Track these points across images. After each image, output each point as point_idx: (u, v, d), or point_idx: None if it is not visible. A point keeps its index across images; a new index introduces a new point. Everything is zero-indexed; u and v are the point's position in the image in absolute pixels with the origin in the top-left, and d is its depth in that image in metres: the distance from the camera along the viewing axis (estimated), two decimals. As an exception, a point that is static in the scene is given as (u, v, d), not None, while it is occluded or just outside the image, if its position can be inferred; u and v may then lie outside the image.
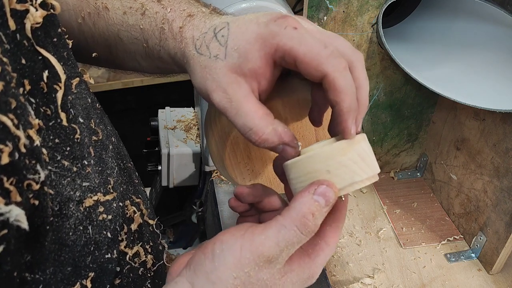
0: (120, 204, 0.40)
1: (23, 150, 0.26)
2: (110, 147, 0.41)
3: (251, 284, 0.35)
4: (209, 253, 0.36)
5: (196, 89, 0.41)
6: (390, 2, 0.67)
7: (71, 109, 0.35)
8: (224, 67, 0.38)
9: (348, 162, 0.36)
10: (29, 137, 0.27)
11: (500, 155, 0.72)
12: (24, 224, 0.26)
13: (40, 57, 0.32)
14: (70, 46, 0.38)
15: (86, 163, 0.36)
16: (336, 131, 0.38)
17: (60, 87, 0.33)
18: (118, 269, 0.39)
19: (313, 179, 0.36)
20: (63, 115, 0.34)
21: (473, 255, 0.80)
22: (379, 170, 0.37)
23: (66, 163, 0.33)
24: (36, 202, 0.28)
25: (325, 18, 0.70)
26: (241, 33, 0.38)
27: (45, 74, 0.32)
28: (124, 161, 0.45)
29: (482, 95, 0.69)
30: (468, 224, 0.82)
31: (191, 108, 1.09)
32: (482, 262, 0.79)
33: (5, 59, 0.27)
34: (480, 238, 0.78)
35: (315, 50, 0.35)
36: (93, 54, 0.49)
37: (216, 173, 0.94)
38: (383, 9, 0.69)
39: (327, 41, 0.37)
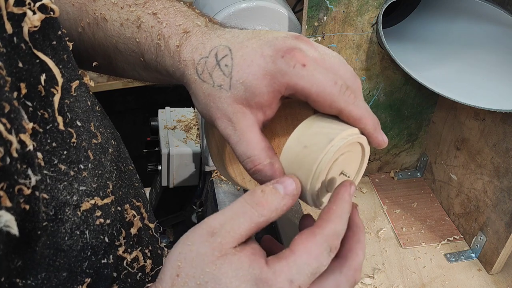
0: (119, 208, 0.39)
1: (15, 154, 0.26)
2: (110, 150, 0.41)
3: (191, 260, 0.33)
4: None
5: (198, 112, 0.41)
6: (390, 2, 0.67)
7: (67, 113, 0.35)
8: (229, 97, 0.38)
9: (317, 129, 0.37)
10: (21, 141, 0.27)
11: (500, 155, 0.72)
12: (14, 230, 0.25)
13: (37, 61, 0.32)
14: (70, 49, 0.37)
15: (82, 167, 0.35)
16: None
17: (57, 91, 0.33)
18: (115, 274, 0.38)
19: (298, 163, 0.37)
20: (60, 119, 0.33)
21: (473, 255, 0.80)
22: (355, 128, 0.38)
23: (63, 167, 0.33)
24: (27, 207, 0.28)
25: (325, 18, 0.70)
26: (246, 66, 0.37)
27: (43, 77, 0.32)
28: (125, 164, 0.45)
29: (482, 95, 0.69)
30: (468, 224, 0.82)
31: (191, 108, 1.09)
32: (482, 262, 0.79)
33: None
34: (480, 238, 0.78)
35: (327, 90, 0.36)
36: (94, 64, 0.49)
37: (216, 173, 0.94)
38: (383, 9, 0.69)
39: (333, 71, 0.38)
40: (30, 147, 0.28)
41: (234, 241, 0.33)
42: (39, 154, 0.31)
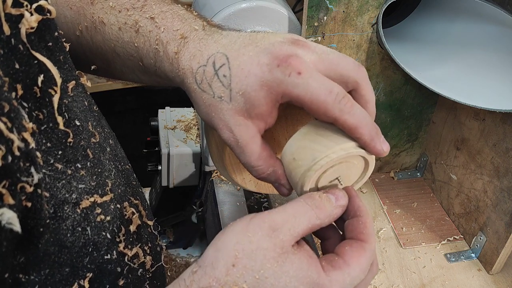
0: (118, 205, 0.40)
1: (17, 153, 0.26)
2: (108, 149, 0.41)
3: (250, 252, 0.33)
4: (220, 231, 0.36)
5: (201, 118, 0.42)
6: (390, 2, 0.67)
7: (65, 113, 0.35)
8: (231, 110, 0.38)
9: (306, 143, 0.39)
10: (24, 139, 0.27)
11: (500, 155, 0.72)
12: (17, 227, 0.26)
13: (35, 62, 0.32)
14: (67, 49, 0.38)
15: (79, 166, 0.36)
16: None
17: (56, 91, 0.33)
18: (119, 269, 0.38)
19: (288, 172, 0.40)
20: (60, 119, 0.33)
21: (473, 255, 0.80)
22: (348, 142, 0.38)
23: (60, 166, 0.33)
24: (29, 204, 0.28)
25: (325, 18, 0.70)
26: (244, 76, 0.38)
27: (40, 78, 0.32)
28: (122, 163, 0.45)
29: (482, 95, 0.69)
30: (468, 224, 0.82)
31: (191, 108, 1.09)
32: (482, 262, 0.79)
33: None
34: (480, 238, 0.78)
35: (321, 98, 0.36)
36: (92, 67, 0.49)
37: (216, 173, 0.94)
38: (383, 9, 0.69)
39: (333, 67, 0.38)
40: (33, 145, 0.28)
41: (293, 239, 0.35)
42: (38, 154, 0.31)
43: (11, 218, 0.25)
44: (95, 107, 0.42)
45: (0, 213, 0.24)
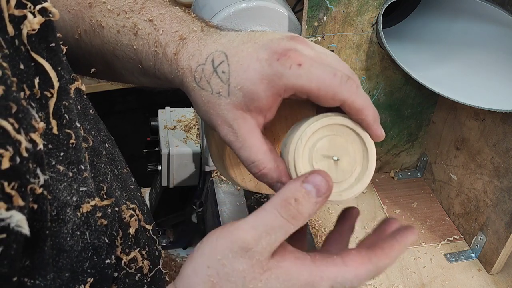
0: (116, 209, 0.39)
1: (25, 154, 0.26)
2: (104, 152, 0.41)
3: (226, 275, 0.32)
4: (190, 254, 0.35)
5: (200, 117, 0.42)
6: (390, 2, 0.67)
7: (65, 114, 0.35)
8: (229, 104, 0.38)
9: (296, 127, 0.39)
10: (31, 140, 0.27)
11: (500, 155, 0.72)
12: (25, 230, 0.25)
13: (32, 63, 0.32)
14: (64, 52, 0.37)
15: (83, 167, 0.35)
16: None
17: (52, 95, 0.33)
18: (115, 274, 0.38)
19: (283, 158, 0.39)
20: (53, 123, 0.33)
21: (473, 255, 0.80)
22: (336, 114, 0.38)
23: (62, 168, 0.33)
24: (35, 206, 0.28)
25: (325, 18, 0.70)
26: (243, 71, 0.37)
27: (36, 80, 0.32)
28: (119, 167, 0.45)
29: (482, 95, 0.69)
30: (468, 224, 0.82)
31: (191, 108, 1.09)
32: (482, 262, 0.79)
33: (5, 64, 0.26)
34: (480, 238, 0.78)
35: (327, 82, 0.36)
36: (92, 70, 0.49)
37: (216, 173, 0.94)
38: (383, 9, 0.69)
39: (331, 65, 0.38)
40: (41, 146, 0.28)
41: (270, 254, 0.33)
42: (43, 155, 0.31)
43: (20, 221, 0.25)
44: (91, 111, 0.42)
45: (9, 215, 0.24)
